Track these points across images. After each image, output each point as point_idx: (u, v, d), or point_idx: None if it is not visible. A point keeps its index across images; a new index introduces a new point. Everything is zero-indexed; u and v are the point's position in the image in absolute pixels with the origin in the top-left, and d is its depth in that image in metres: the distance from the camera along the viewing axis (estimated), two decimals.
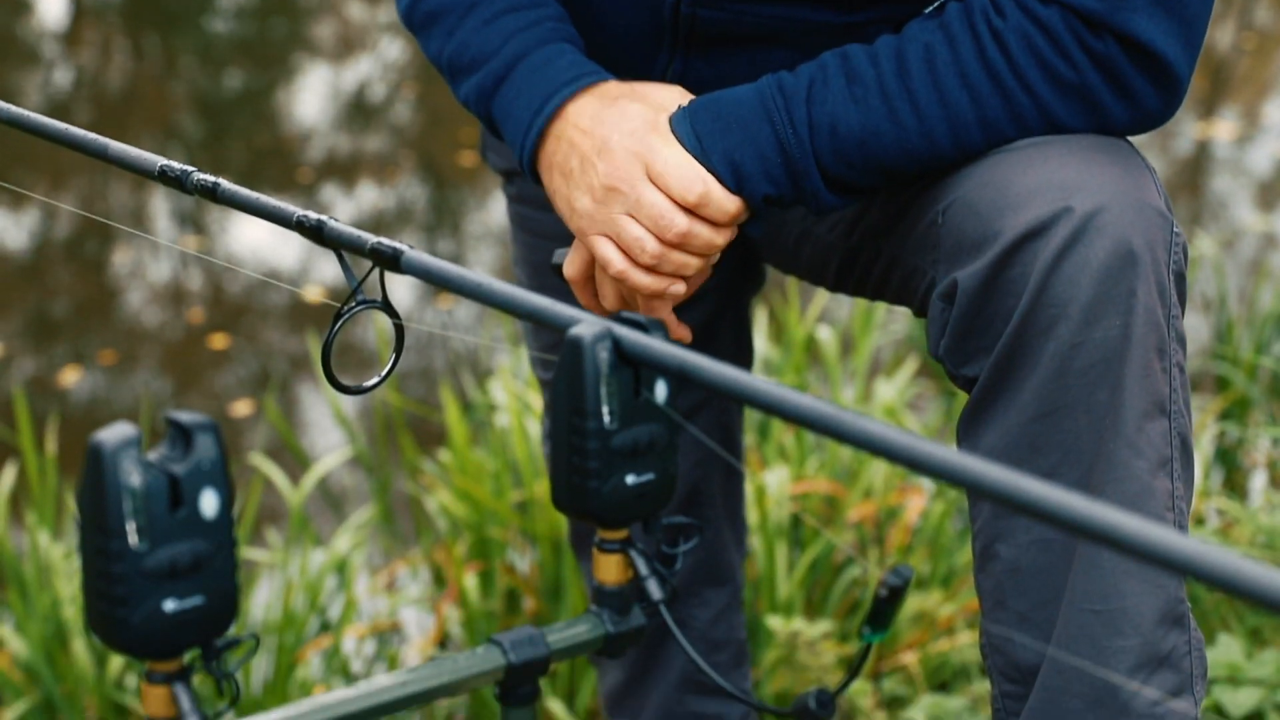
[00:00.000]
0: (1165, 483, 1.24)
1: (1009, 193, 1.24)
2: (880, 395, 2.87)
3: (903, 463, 0.79)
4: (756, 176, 1.31)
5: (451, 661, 0.92)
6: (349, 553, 2.55)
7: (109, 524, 0.79)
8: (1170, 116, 1.32)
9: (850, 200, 1.34)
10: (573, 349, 0.89)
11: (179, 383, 4.28)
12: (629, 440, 0.91)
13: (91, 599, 0.81)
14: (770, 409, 0.84)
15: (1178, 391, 1.25)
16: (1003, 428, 1.25)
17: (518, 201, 1.72)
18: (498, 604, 2.46)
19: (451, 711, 2.44)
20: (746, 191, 1.31)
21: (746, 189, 1.31)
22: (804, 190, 1.32)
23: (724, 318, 1.70)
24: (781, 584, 2.37)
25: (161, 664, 0.83)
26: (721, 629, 1.83)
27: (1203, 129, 6.09)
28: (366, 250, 1.02)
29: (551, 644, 0.94)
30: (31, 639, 2.33)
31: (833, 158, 1.30)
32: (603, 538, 0.95)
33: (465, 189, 5.73)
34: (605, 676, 1.90)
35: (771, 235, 1.57)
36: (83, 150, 1.29)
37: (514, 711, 0.95)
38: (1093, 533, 0.72)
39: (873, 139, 1.29)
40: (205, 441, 0.81)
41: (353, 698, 0.89)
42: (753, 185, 1.31)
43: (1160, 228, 1.23)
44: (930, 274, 1.33)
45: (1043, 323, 1.21)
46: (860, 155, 1.30)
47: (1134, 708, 1.23)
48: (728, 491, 1.81)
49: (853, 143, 1.29)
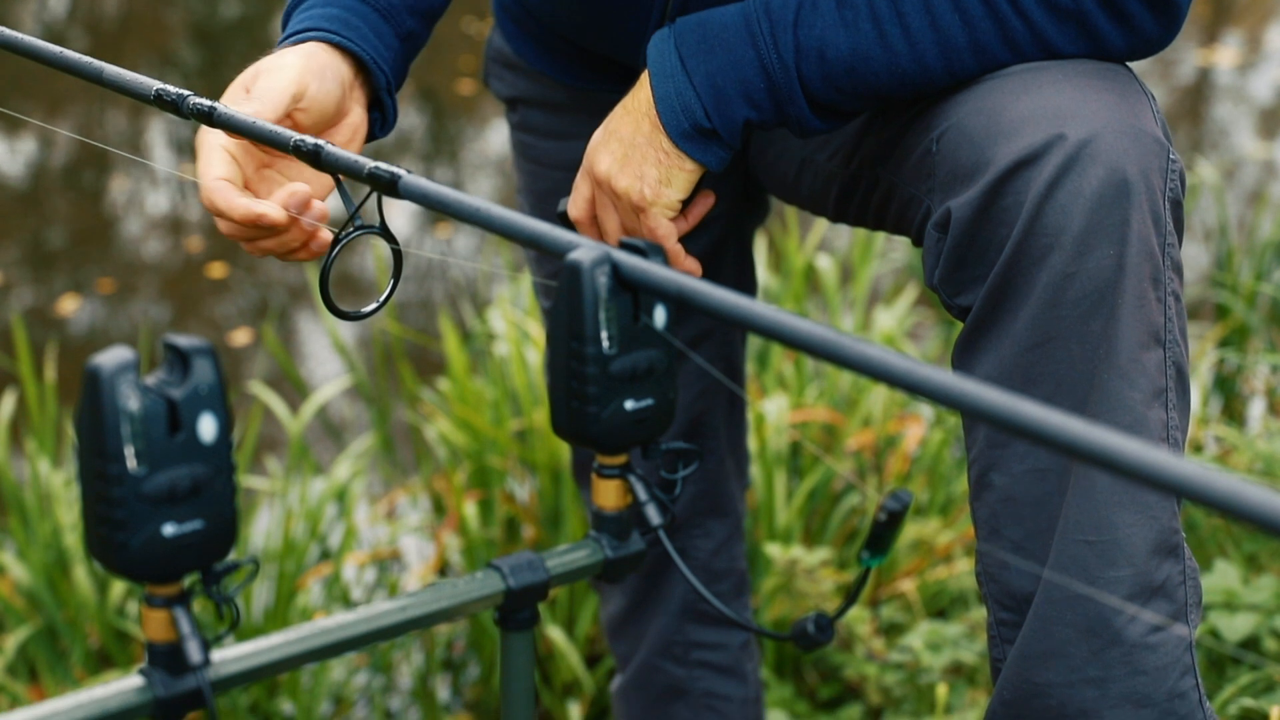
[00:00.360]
0: (1160, 413, 1.23)
1: (1002, 120, 1.23)
2: (879, 324, 2.87)
3: (902, 386, 0.79)
4: (737, 100, 1.30)
5: (451, 586, 0.92)
6: (349, 481, 2.55)
7: (107, 448, 0.79)
8: (1168, 43, 1.31)
9: (837, 123, 1.34)
10: (572, 274, 0.89)
11: (178, 311, 4.27)
12: (628, 365, 0.91)
13: (91, 524, 0.81)
14: (769, 333, 0.83)
15: (1173, 321, 1.24)
16: (996, 357, 1.25)
17: (520, 129, 1.71)
18: (497, 532, 2.47)
19: (452, 639, 2.45)
20: (726, 115, 1.30)
21: (726, 112, 1.30)
22: (788, 114, 1.31)
23: (727, 247, 1.70)
24: (780, 512, 2.37)
25: (161, 588, 0.83)
26: (723, 559, 1.84)
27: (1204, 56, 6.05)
28: (364, 174, 1.02)
29: (550, 569, 0.94)
30: (33, 566, 2.34)
31: (821, 83, 1.29)
32: (602, 463, 0.95)
33: (464, 118, 5.70)
34: (607, 604, 1.91)
35: (772, 164, 1.56)
36: (78, 74, 1.28)
37: (513, 637, 0.95)
38: (1092, 456, 0.72)
39: (862, 64, 1.28)
40: (203, 366, 0.81)
41: (353, 622, 0.89)
42: (734, 109, 1.30)
43: (1156, 155, 1.22)
44: (926, 203, 1.32)
45: (1036, 252, 1.21)
46: (849, 80, 1.29)
47: (1127, 636, 1.23)
48: (730, 423, 1.81)
49: (842, 67, 1.28)
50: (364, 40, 1.35)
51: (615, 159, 1.35)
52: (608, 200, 1.38)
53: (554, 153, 1.66)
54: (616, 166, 1.35)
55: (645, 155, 1.34)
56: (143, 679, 0.82)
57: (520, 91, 1.69)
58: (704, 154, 1.33)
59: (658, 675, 1.86)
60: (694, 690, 1.86)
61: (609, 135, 1.36)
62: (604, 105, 1.43)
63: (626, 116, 1.35)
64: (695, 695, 1.87)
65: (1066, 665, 1.25)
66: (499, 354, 2.70)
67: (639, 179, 1.34)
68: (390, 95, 1.39)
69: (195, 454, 0.81)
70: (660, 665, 1.86)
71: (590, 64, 1.59)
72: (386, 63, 1.38)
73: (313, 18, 1.35)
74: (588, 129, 1.42)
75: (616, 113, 1.37)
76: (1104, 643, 1.24)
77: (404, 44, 1.40)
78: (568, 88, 1.63)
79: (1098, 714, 1.25)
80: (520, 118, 1.71)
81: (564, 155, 1.61)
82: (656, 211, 1.35)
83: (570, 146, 1.56)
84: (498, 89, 1.73)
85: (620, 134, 1.35)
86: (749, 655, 1.89)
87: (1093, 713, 1.25)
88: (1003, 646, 1.31)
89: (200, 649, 0.82)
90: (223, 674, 0.84)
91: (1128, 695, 1.24)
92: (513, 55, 1.67)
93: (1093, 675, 1.24)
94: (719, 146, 1.33)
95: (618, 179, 1.35)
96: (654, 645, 1.86)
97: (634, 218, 1.36)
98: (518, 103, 1.70)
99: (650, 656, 1.86)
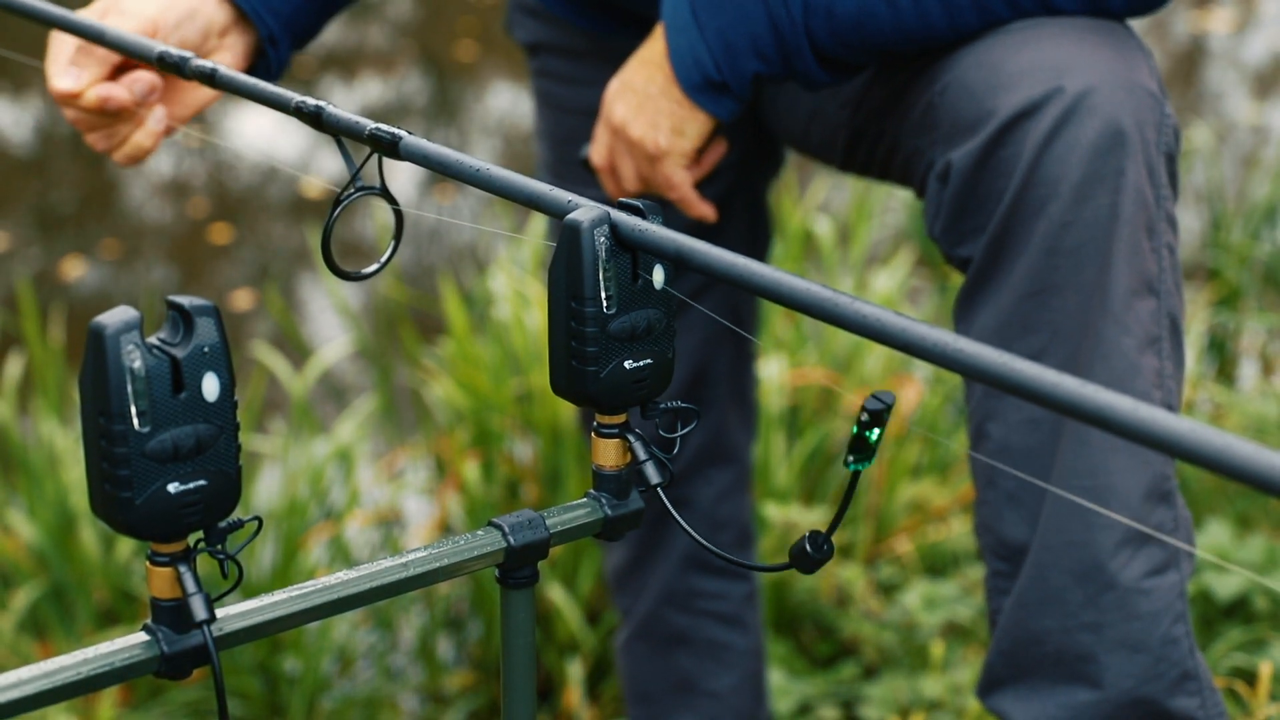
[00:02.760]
0: (1153, 360, 1.25)
1: (1002, 73, 1.25)
2: (877, 286, 2.87)
3: (898, 345, 0.79)
4: (747, 54, 1.32)
5: (452, 544, 0.93)
6: (351, 442, 2.56)
7: (111, 407, 0.79)
8: (1166, 2, 1.32)
9: (844, 77, 1.36)
10: (570, 234, 0.89)
11: (182, 274, 4.28)
12: (626, 325, 0.92)
13: (95, 482, 0.82)
14: (767, 293, 0.84)
15: (1167, 271, 1.26)
16: (996, 306, 1.27)
17: (540, 76, 1.73)
18: (498, 492, 2.49)
19: (454, 599, 2.47)
20: (736, 68, 1.32)
21: (736, 66, 1.32)
22: (795, 68, 1.33)
23: (738, 196, 1.71)
24: (778, 472, 2.39)
25: (165, 546, 0.83)
26: (726, 509, 1.85)
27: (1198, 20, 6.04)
28: (365, 135, 1.02)
29: (551, 526, 0.95)
30: (41, 525, 2.35)
31: (829, 38, 1.31)
32: (601, 422, 0.96)
33: (464, 80, 5.69)
34: (610, 555, 1.93)
35: (783, 115, 1.59)
36: (80, 34, 1.28)
37: (514, 595, 0.96)
38: (1086, 414, 0.73)
39: (869, 20, 1.30)
40: (206, 325, 0.82)
41: (355, 579, 0.90)
42: (743, 62, 1.33)
43: (1151, 108, 1.24)
44: (929, 155, 1.34)
45: (1034, 202, 1.23)
46: (856, 36, 1.31)
47: (1121, 581, 1.25)
48: (734, 373, 1.82)
49: (848, 23, 1.30)
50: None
51: (630, 109, 1.38)
52: (624, 148, 1.41)
53: (572, 98, 1.68)
54: (631, 116, 1.38)
55: (659, 106, 1.37)
56: (148, 635, 0.83)
57: (541, 38, 1.70)
58: (715, 106, 1.36)
59: (661, 624, 1.88)
60: (697, 639, 1.88)
61: (624, 86, 1.39)
62: (622, 52, 1.46)
63: (641, 68, 1.38)
64: (699, 644, 1.88)
65: (1062, 611, 1.27)
66: (499, 316, 2.71)
67: (653, 128, 1.37)
68: (274, 46, 1.41)
69: (199, 412, 0.82)
70: (664, 614, 1.87)
71: (610, 11, 1.61)
72: (274, 14, 1.40)
73: None
74: (606, 75, 1.45)
75: (632, 63, 1.39)
76: (1099, 588, 1.25)
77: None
78: (587, 34, 1.65)
79: (1094, 659, 1.26)
80: (540, 64, 1.73)
81: (582, 101, 1.63)
82: (670, 160, 1.39)
83: (588, 92, 1.58)
84: (519, 35, 1.75)
85: (635, 85, 1.38)
86: (752, 606, 1.91)
87: (1089, 658, 1.26)
88: (999, 598, 1.33)
89: (204, 606, 0.83)
90: (226, 630, 0.85)
91: (1122, 640, 1.25)
92: (535, 2, 1.69)
93: (1088, 620, 1.26)
94: (729, 99, 1.35)
95: (632, 128, 1.38)
96: (658, 595, 1.87)
97: (649, 165, 1.40)
98: (539, 49, 1.72)
99: (654, 606, 1.88)
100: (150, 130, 1.38)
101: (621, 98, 1.39)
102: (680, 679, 1.89)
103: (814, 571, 0.92)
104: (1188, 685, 1.27)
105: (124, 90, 1.34)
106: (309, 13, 1.45)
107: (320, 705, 2.26)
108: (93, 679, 0.81)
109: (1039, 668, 1.29)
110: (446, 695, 2.36)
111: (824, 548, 0.92)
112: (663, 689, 1.90)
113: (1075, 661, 1.27)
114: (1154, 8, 1.32)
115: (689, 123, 1.37)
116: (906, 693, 2.07)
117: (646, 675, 1.92)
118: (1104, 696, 1.26)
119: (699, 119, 1.37)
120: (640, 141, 1.39)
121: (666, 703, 1.90)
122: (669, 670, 1.89)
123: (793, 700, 2.12)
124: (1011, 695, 1.32)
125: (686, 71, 1.34)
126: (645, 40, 1.41)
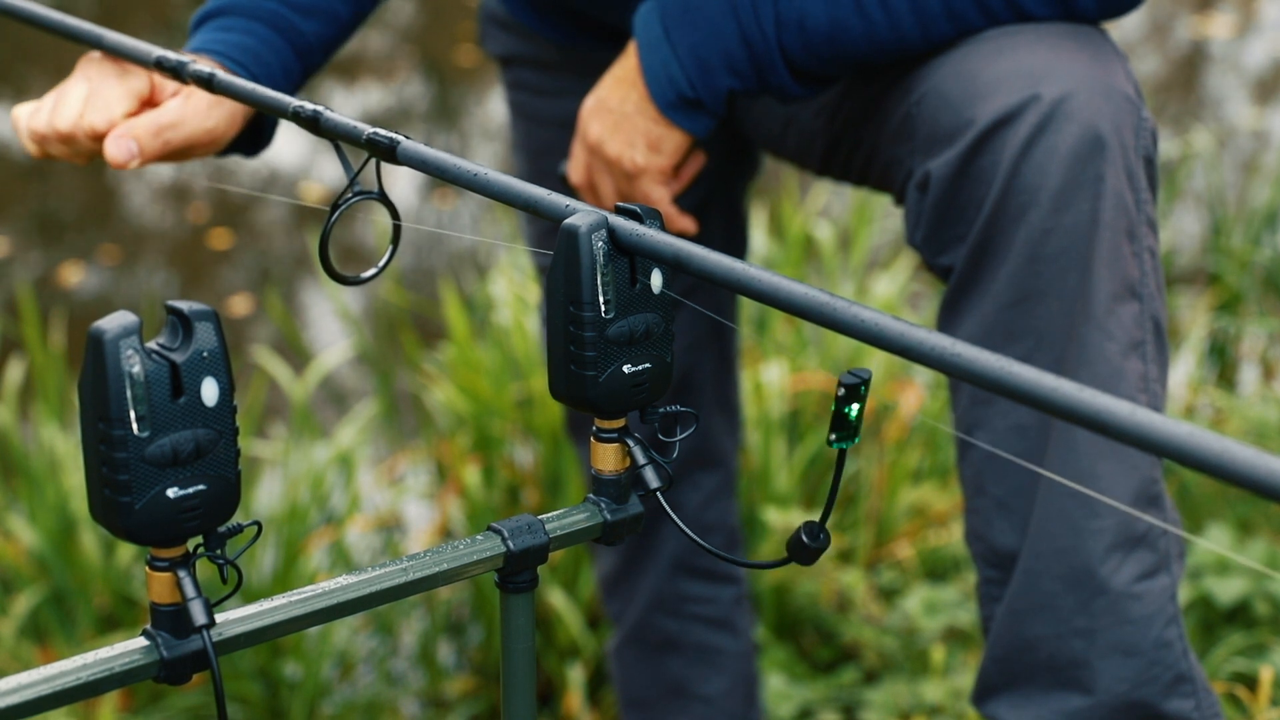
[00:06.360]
0: (1137, 365, 1.25)
1: (978, 82, 1.25)
2: (878, 291, 2.87)
3: (896, 349, 0.79)
4: (721, 70, 1.32)
5: (451, 548, 0.93)
6: (352, 447, 2.56)
7: (111, 412, 0.79)
8: (1138, 5, 1.32)
9: (819, 89, 1.36)
10: (569, 238, 0.90)
11: (182, 279, 4.28)
12: (625, 329, 0.92)
13: (95, 487, 0.82)
14: (765, 297, 0.84)
15: (1149, 275, 1.26)
16: (979, 315, 1.27)
17: (514, 88, 1.73)
18: (499, 497, 2.49)
19: (454, 605, 2.47)
20: (710, 85, 1.32)
21: (710, 82, 1.33)
22: (770, 83, 1.34)
23: (715, 202, 1.72)
24: (779, 477, 2.39)
25: (165, 551, 0.83)
26: (713, 513, 1.86)
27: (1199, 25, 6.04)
28: (363, 140, 1.02)
29: (550, 531, 0.95)
30: (41, 530, 2.35)
31: (801, 52, 1.31)
32: (600, 427, 0.96)
33: (463, 85, 5.69)
34: (600, 563, 1.94)
35: (759, 121, 1.59)
36: (79, 40, 1.28)
37: (513, 600, 0.96)
38: (1084, 419, 0.73)
39: (841, 33, 1.30)
40: (205, 329, 0.82)
41: (355, 584, 0.90)
42: (717, 79, 1.33)
43: (1128, 113, 1.24)
44: (908, 164, 1.34)
45: (1014, 210, 1.23)
46: (829, 49, 1.31)
47: (1112, 586, 1.25)
48: (719, 378, 1.82)
49: (821, 36, 1.30)
50: (258, 66, 1.37)
51: (606, 127, 1.38)
52: (601, 166, 1.40)
53: (546, 110, 1.68)
54: (607, 134, 1.38)
55: (635, 124, 1.36)
56: (148, 640, 0.83)
57: (513, 50, 1.71)
58: (690, 123, 1.36)
59: (651, 630, 1.89)
60: (687, 643, 1.89)
61: (599, 104, 1.38)
62: (594, 64, 1.46)
63: (616, 86, 1.37)
64: (689, 648, 1.89)
65: (1055, 617, 1.27)
66: (500, 321, 2.71)
67: (630, 146, 1.37)
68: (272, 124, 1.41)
69: (198, 417, 0.82)
70: (653, 620, 1.88)
71: (580, 23, 1.61)
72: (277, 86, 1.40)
73: (217, 41, 1.37)
74: (578, 86, 1.45)
75: (606, 81, 1.39)
76: (1090, 593, 1.25)
77: (301, 60, 1.41)
78: (559, 46, 1.65)
79: (1087, 664, 1.26)
80: (514, 76, 1.73)
81: (556, 112, 1.64)
82: (648, 177, 1.38)
83: (562, 104, 1.58)
84: (491, 48, 1.75)
85: (610, 103, 1.38)
86: (741, 610, 1.91)
87: (1082, 663, 1.26)
88: (991, 605, 1.33)
89: (204, 611, 0.83)
90: (226, 635, 0.85)
91: (1115, 645, 1.26)
92: (505, 14, 1.70)
93: (1080, 626, 1.26)
94: (704, 115, 1.35)
95: (609, 146, 1.38)
96: (647, 600, 1.88)
97: (627, 183, 1.39)
98: (511, 61, 1.72)
99: (643, 612, 1.88)
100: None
101: (597, 116, 1.39)
102: (672, 684, 1.89)
103: (813, 562, 0.92)
104: (1182, 688, 1.27)
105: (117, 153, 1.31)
106: (300, 73, 1.44)
107: (321, 710, 2.26)
108: (93, 684, 0.81)
109: (1032, 674, 1.29)
110: (447, 700, 2.36)
111: (820, 536, 0.91)
112: (655, 694, 1.91)
113: (1068, 667, 1.27)
114: (1126, 10, 1.32)
115: (665, 140, 1.37)
116: (907, 698, 2.07)
117: (639, 681, 1.92)
118: (1098, 702, 1.27)
119: (675, 136, 1.37)
120: (617, 160, 1.38)
121: (660, 708, 1.91)
122: (661, 675, 1.90)
123: (793, 705, 2.12)
124: (1006, 702, 1.32)
125: (661, 90, 1.34)
126: (619, 57, 1.40)
